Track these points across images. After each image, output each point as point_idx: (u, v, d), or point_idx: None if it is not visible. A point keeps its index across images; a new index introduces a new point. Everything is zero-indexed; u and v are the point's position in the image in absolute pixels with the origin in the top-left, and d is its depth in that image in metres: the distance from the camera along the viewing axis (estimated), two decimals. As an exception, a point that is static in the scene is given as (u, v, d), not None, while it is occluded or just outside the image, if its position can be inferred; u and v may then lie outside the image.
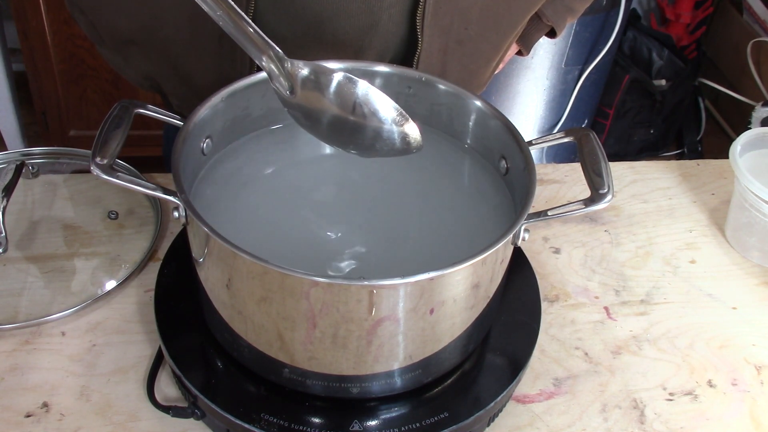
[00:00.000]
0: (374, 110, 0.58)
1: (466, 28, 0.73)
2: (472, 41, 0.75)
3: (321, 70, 0.58)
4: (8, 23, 1.84)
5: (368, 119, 0.58)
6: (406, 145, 0.59)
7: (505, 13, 0.75)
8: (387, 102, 0.58)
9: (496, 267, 0.57)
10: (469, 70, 0.78)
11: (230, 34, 0.55)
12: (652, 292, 0.79)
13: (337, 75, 0.57)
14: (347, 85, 0.58)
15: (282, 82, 0.58)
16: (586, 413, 0.66)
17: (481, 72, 0.81)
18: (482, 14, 0.73)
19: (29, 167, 0.82)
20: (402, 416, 0.60)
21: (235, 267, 0.53)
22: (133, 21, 0.73)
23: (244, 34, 0.55)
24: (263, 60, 0.56)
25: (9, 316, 0.68)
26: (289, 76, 0.57)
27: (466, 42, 0.74)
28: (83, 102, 1.86)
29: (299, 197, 0.66)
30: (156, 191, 0.55)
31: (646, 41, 2.10)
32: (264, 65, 0.57)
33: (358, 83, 0.57)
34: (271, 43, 0.56)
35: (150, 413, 0.62)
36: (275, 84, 0.58)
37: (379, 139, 0.59)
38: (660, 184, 0.93)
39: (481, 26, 0.74)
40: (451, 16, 0.71)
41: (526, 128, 1.90)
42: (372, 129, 0.59)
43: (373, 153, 0.60)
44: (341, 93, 0.58)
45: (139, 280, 0.74)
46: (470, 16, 0.72)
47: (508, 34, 0.78)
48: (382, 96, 0.58)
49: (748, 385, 0.70)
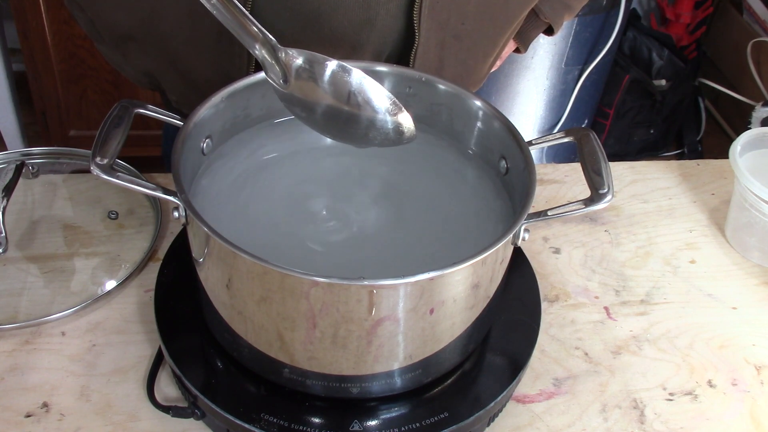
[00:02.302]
0: (368, 99, 0.58)
1: (463, 23, 0.73)
2: (469, 36, 0.75)
3: (315, 60, 0.58)
4: (8, 23, 1.84)
5: (362, 108, 0.58)
6: (399, 135, 0.59)
7: (501, 9, 0.75)
8: (381, 91, 0.58)
9: (496, 267, 0.57)
10: (466, 66, 0.78)
11: (223, 22, 0.54)
12: (652, 292, 0.79)
13: (330, 64, 0.57)
14: (341, 74, 0.58)
15: (276, 71, 0.57)
16: (586, 413, 0.66)
17: (479, 68, 0.81)
18: (479, 9, 0.73)
19: (29, 167, 0.82)
20: (402, 416, 0.60)
21: (235, 267, 0.53)
22: (132, 17, 0.73)
23: (237, 22, 0.54)
24: (256, 48, 0.56)
25: (9, 316, 0.68)
26: (283, 65, 0.57)
27: (463, 37, 0.75)
28: (83, 102, 1.86)
29: (299, 197, 0.66)
30: (156, 191, 0.55)
31: (646, 41, 2.10)
32: (257, 53, 0.56)
33: (352, 72, 0.57)
34: (264, 32, 0.55)
35: (150, 413, 0.62)
36: (269, 74, 0.58)
37: (373, 128, 0.59)
38: (660, 184, 0.93)
39: (477, 21, 0.74)
40: (447, 10, 0.71)
41: (526, 128, 1.90)
42: (366, 118, 0.59)
43: (366, 143, 0.60)
44: (335, 82, 0.58)
45: (139, 280, 0.74)
46: (467, 11, 0.72)
47: (505, 30, 0.79)
48: (376, 85, 0.58)
49: (748, 385, 0.70)
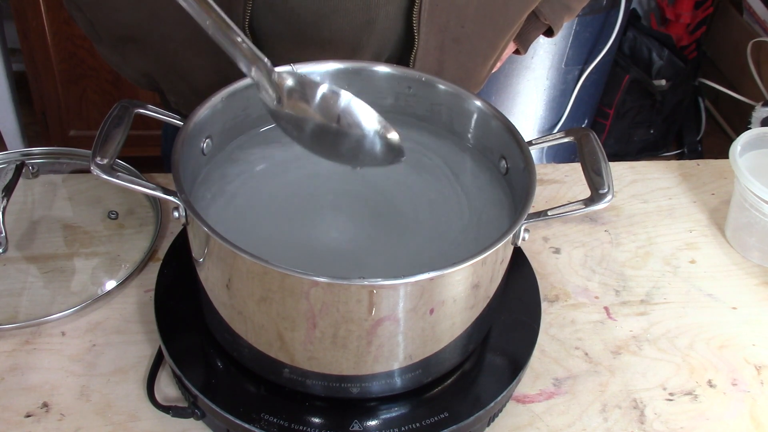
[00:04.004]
0: (357, 121, 0.59)
1: (463, 26, 0.73)
2: (468, 39, 0.75)
3: (306, 82, 0.58)
4: (8, 23, 1.84)
5: (352, 129, 0.59)
6: (388, 155, 0.60)
7: (501, 11, 0.75)
8: (370, 113, 0.59)
9: (496, 267, 0.57)
10: (466, 68, 0.78)
11: (219, 42, 0.54)
12: (652, 292, 0.79)
13: (322, 87, 0.58)
14: (332, 97, 0.58)
15: (270, 93, 0.58)
16: (586, 413, 0.66)
17: (479, 70, 0.81)
18: (478, 12, 0.73)
19: (29, 167, 0.82)
20: (402, 416, 0.60)
21: (235, 267, 0.53)
22: (131, 18, 0.73)
23: (233, 43, 0.54)
24: (252, 71, 0.56)
25: (9, 316, 0.68)
26: (276, 86, 0.58)
27: (463, 40, 0.74)
28: (83, 102, 1.86)
29: (299, 197, 0.66)
30: (156, 191, 0.55)
31: (646, 41, 2.10)
32: (254, 77, 0.57)
33: (341, 94, 0.58)
34: (260, 55, 0.56)
35: (150, 413, 0.62)
36: (263, 94, 0.58)
37: (362, 149, 0.60)
38: (660, 184, 0.93)
39: (477, 24, 0.74)
40: (447, 13, 0.71)
41: (526, 128, 1.90)
42: (355, 139, 0.59)
43: (357, 162, 0.61)
44: (326, 103, 0.59)
45: (139, 280, 0.74)
46: (466, 13, 0.72)
47: (504, 32, 0.78)
48: (366, 107, 0.59)
49: (748, 385, 0.70)
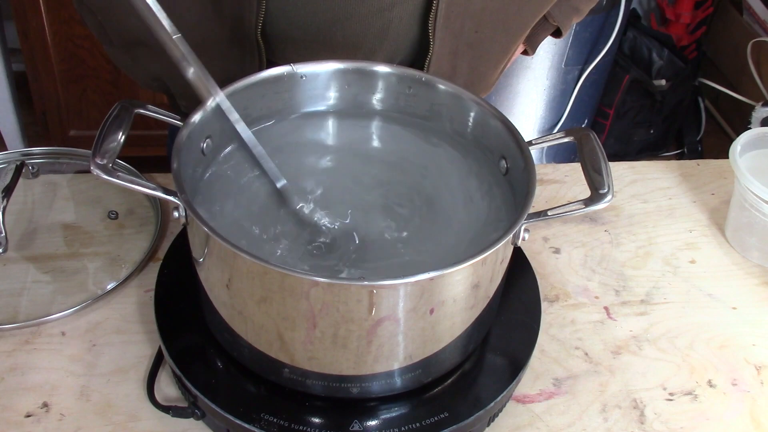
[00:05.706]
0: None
1: (477, 32, 0.73)
2: (482, 44, 0.75)
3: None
4: (8, 23, 1.84)
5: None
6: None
7: (515, 16, 0.75)
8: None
9: (496, 267, 0.57)
10: (478, 73, 0.78)
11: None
12: (652, 292, 0.79)
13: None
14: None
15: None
16: (586, 413, 0.66)
17: (490, 74, 0.81)
18: (493, 17, 0.73)
19: (29, 167, 0.82)
20: (402, 416, 0.60)
21: (235, 267, 0.53)
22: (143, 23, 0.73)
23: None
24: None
25: (9, 316, 0.68)
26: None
27: (477, 44, 0.75)
28: (83, 102, 1.86)
29: (300, 197, 0.66)
30: (156, 191, 0.55)
31: (646, 41, 2.10)
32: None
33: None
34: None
35: (150, 413, 0.62)
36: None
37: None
38: (660, 184, 0.93)
39: (491, 29, 0.74)
40: (462, 19, 0.71)
41: (526, 128, 1.90)
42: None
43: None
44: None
45: (139, 280, 0.74)
46: (481, 19, 0.72)
47: (517, 37, 0.78)
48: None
49: (748, 385, 0.70)
